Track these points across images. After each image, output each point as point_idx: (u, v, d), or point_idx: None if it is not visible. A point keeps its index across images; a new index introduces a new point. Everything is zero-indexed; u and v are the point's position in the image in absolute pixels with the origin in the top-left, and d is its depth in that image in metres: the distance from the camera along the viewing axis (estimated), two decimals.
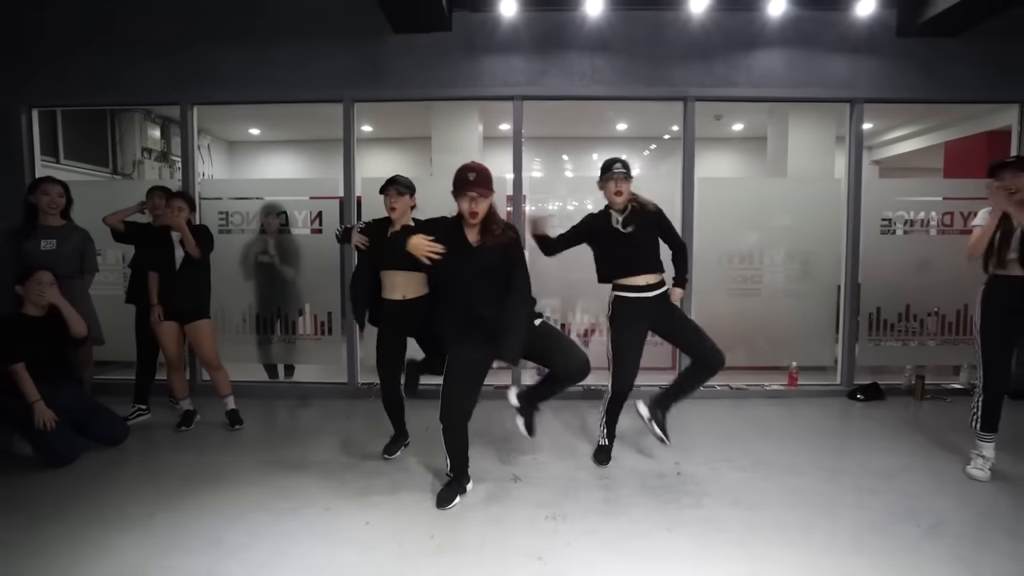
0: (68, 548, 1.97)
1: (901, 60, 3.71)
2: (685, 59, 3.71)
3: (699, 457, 2.76)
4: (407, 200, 2.61)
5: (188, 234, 3.06)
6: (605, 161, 2.59)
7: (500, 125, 6.19)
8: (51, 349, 2.79)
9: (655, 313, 2.55)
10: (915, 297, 3.88)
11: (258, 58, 3.79)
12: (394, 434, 2.84)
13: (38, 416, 2.65)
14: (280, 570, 1.84)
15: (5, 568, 1.87)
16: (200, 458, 2.79)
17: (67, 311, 2.84)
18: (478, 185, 2.06)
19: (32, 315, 2.77)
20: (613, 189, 2.52)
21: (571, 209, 4.04)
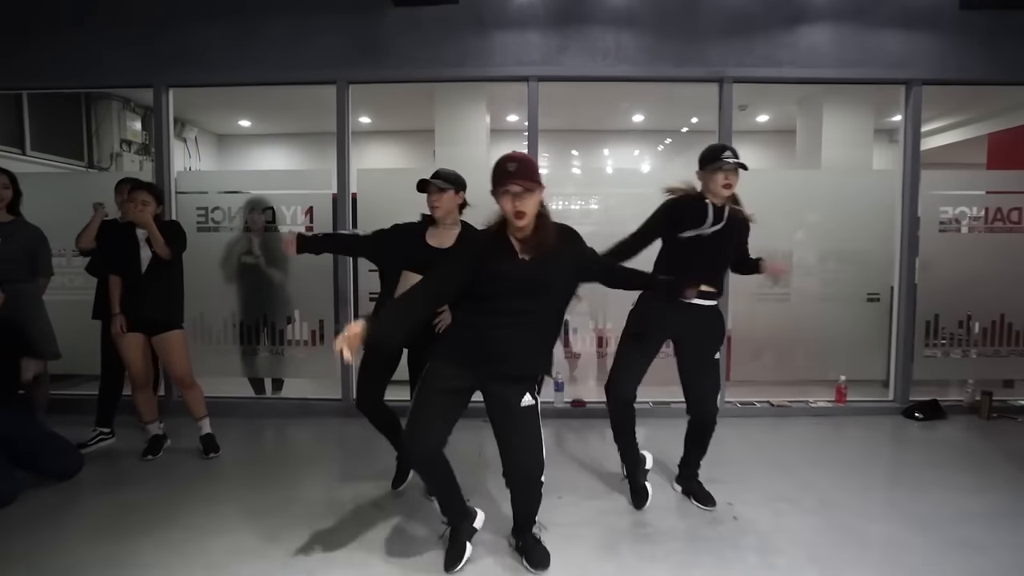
0: None
1: (964, 36, 3.30)
2: (722, 35, 3.30)
3: (753, 495, 2.34)
4: (452, 197, 2.17)
5: (156, 231, 2.64)
6: (710, 147, 2.14)
7: (509, 116, 5.77)
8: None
9: (685, 326, 2.13)
10: (979, 304, 3.47)
11: (243, 35, 3.37)
12: (398, 456, 2.42)
13: None
14: None
15: None
16: (166, 496, 2.37)
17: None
18: (522, 177, 1.58)
19: None
20: (722, 182, 2.07)
21: (594, 208, 3.63)
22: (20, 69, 3.44)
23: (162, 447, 2.84)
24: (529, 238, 1.64)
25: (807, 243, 3.52)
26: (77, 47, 3.41)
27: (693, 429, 2.25)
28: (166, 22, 3.38)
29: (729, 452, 2.77)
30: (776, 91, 4.97)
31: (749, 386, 3.55)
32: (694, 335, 2.15)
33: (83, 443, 2.82)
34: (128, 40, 3.40)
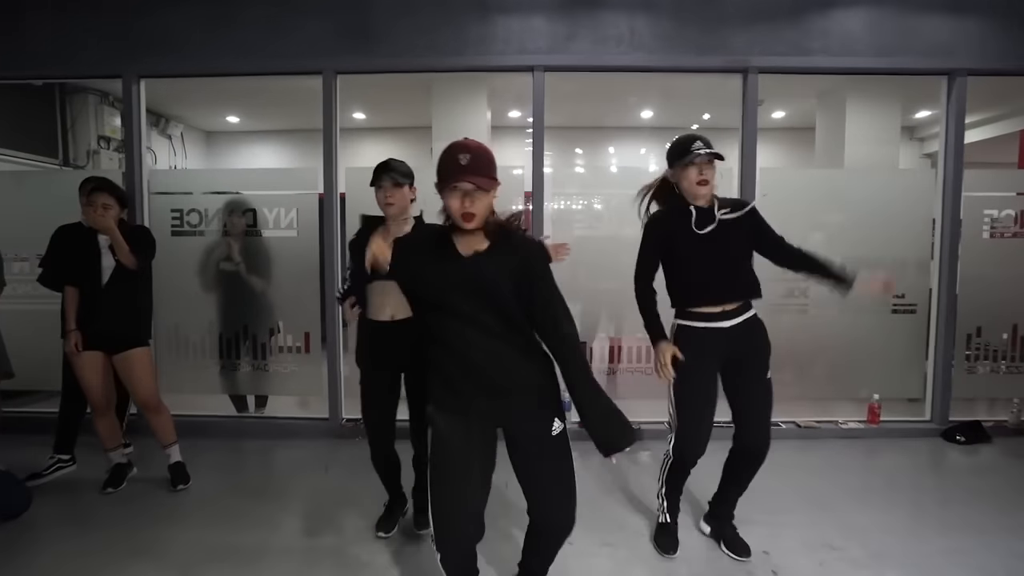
0: None
1: (1011, 21, 3.00)
2: (747, 21, 3.00)
3: (792, 541, 2.05)
4: (406, 193, 1.98)
5: (119, 238, 2.34)
6: (677, 140, 1.86)
7: (510, 112, 5.47)
8: None
9: (729, 348, 1.85)
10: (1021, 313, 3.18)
11: (220, 21, 3.08)
12: (388, 501, 2.18)
13: None
14: None
15: None
16: (124, 539, 2.08)
17: None
18: (474, 172, 1.30)
19: None
20: (696, 177, 1.79)
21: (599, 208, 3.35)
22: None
23: (125, 477, 2.55)
24: (484, 240, 1.37)
25: (830, 247, 3.21)
26: (41, 34, 3.12)
27: (739, 459, 1.96)
28: (138, 7, 3.10)
29: (756, 482, 2.46)
30: (796, 85, 4.67)
31: (773, 404, 3.25)
32: (738, 356, 1.87)
33: (37, 473, 2.54)
34: (96, 27, 3.11)
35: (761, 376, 1.89)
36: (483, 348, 1.34)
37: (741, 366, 1.88)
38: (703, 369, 1.86)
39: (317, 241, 3.20)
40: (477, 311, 1.33)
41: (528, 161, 3.17)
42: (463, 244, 1.37)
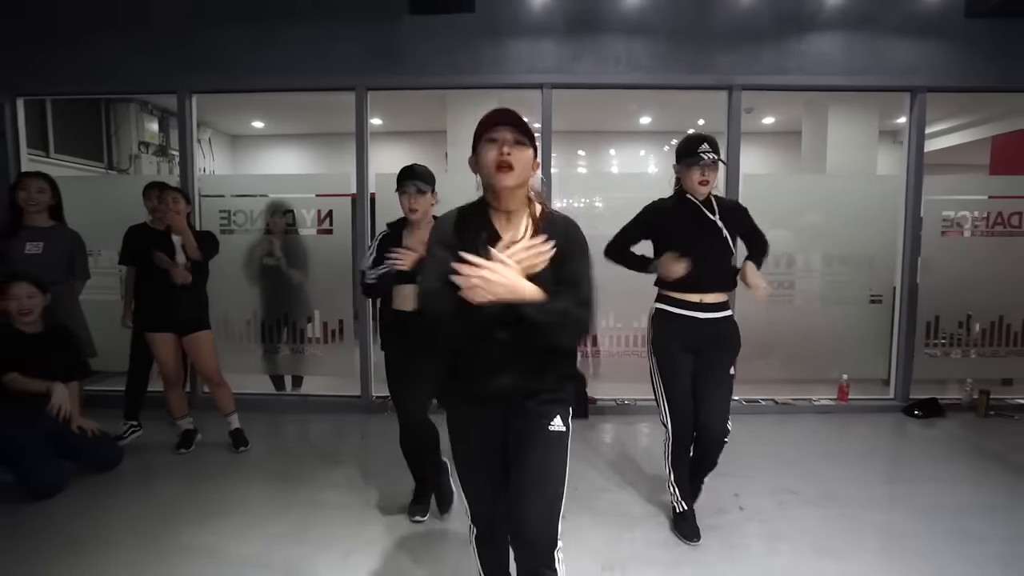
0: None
1: (969, 44, 3.38)
2: (732, 44, 3.39)
3: (759, 486, 2.47)
4: (428, 199, 2.11)
5: (189, 235, 2.76)
6: (687, 139, 2.00)
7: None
8: (41, 369, 2.49)
9: (700, 339, 2.01)
10: (978, 305, 3.57)
11: (263, 43, 3.47)
12: (415, 488, 2.27)
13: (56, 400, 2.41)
14: None
15: None
16: (201, 486, 2.50)
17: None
18: (514, 124, 1.19)
19: (22, 330, 2.48)
20: (698, 178, 1.96)
21: (599, 207, 3.75)
22: (47, 75, 3.54)
23: (194, 441, 2.97)
24: (511, 215, 1.26)
25: (812, 245, 3.61)
26: (102, 54, 3.50)
27: (697, 447, 2.07)
28: (190, 30, 3.48)
29: (735, 447, 2.82)
30: (782, 94, 5.05)
31: (754, 384, 3.66)
32: (707, 348, 2.03)
33: (118, 436, 2.96)
34: (152, 47, 3.50)
35: (724, 373, 2.03)
36: (513, 346, 1.22)
37: (709, 360, 2.02)
38: (678, 350, 2.03)
39: (350, 238, 3.61)
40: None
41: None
42: (503, 225, 1.25)
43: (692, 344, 2.03)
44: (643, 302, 2.21)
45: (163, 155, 5.54)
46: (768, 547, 2.00)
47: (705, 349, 2.03)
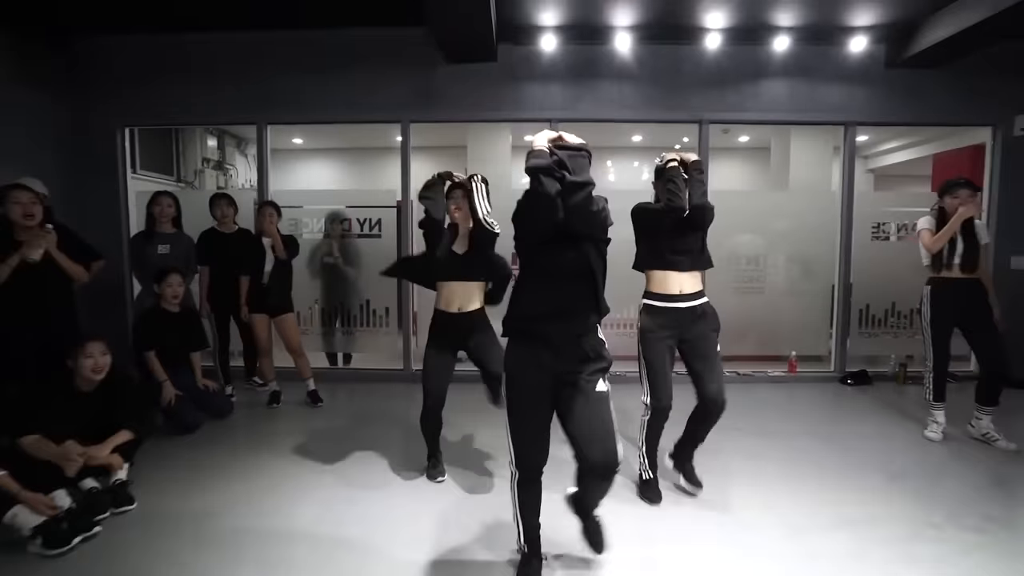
0: (218, 489, 2.54)
1: (889, 88, 4.26)
2: (701, 87, 4.26)
3: (716, 432, 3.31)
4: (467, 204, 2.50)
5: (279, 240, 3.61)
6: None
7: (526, 136, 6.73)
8: (180, 341, 3.35)
9: (683, 325, 2.34)
10: (901, 295, 4.43)
11: (326, 83, 4.31)
12: (430, 455, 2.71)
13: (165, 393, 3.21)
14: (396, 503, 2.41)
15: (173, 500, 2.43)
16: (292, 431, 3.32)
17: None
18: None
19: (169, 310, 3.34)
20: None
21: None
22: (149, 109, 4.38)
23: (280, 399, 3.82)
24: None
25: (777, 248, 4.46)
26: (193, 92, 4.33)
27: (700, 414, 2.38)
28: (266, 72, 4.31)
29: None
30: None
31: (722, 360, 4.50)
32: (691, 332, 2.33)
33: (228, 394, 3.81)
34: (235, 86, 4.34)
35: (712, 351, 2.35)
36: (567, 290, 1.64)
37: (696, 343, 2.33)
38: (663, 338, 2.34)
39: (395, 241, 4.47)
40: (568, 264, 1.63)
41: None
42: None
43: (677, 330, 2.33)
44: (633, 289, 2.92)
45: (220, 169, 6.38)
46: (711, 457, 2.86)
47: (690, 334, 2.33)
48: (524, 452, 1.73)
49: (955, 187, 2.99)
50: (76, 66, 4.30)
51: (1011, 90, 4.21)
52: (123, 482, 2.33)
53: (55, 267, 2.66)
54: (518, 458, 1.74)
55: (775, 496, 2.46)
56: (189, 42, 4.28)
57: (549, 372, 1.69)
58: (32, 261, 2.54)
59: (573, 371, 1.69)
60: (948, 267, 2.99)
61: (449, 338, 2.54)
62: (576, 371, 1.69)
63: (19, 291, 2.58)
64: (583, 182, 1.56)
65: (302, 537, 2.14)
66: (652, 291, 2.41)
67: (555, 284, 1.67)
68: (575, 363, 1.69)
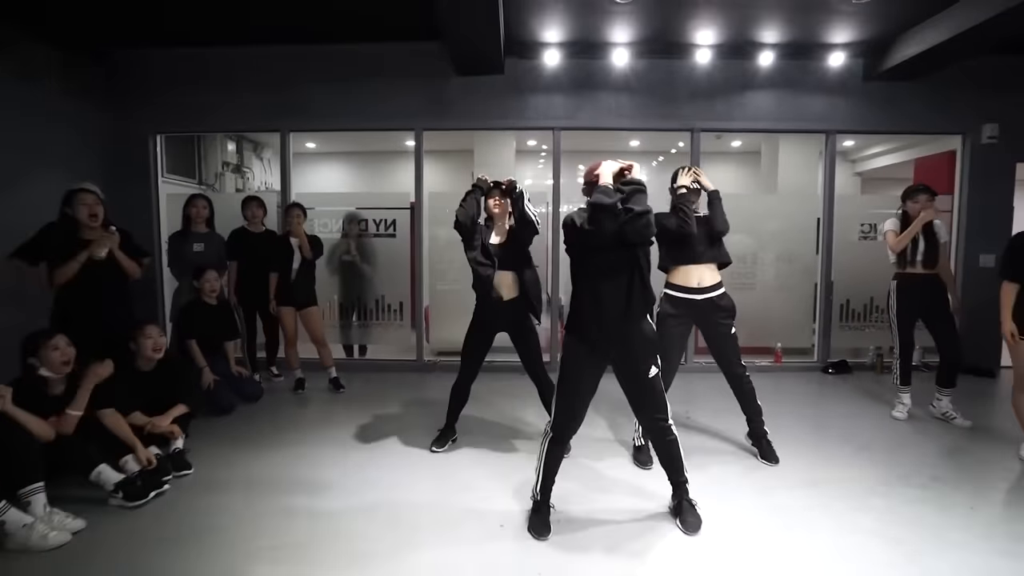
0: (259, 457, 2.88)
1: (867, 99, 4.60)
2: (692, 98, 4.60)
3: (706, 409, 3.65)
4: (506, 204, 2.85)
5: (305, 241, 3.94)
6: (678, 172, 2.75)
7: (529, 142, 7.08)
8: (217, 331, 3.69)
9: (701, 314, 2.71)
10: (879, 292, 4.76)
11: (345, 93, 4.65)
12: (443, 427, 3.02)
13: (205, 378, 3.54)
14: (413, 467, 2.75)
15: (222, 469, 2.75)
16: (316, 416, 3.64)
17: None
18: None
19: (208, 303, 3.67)
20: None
21: None
22: (180, 116, 4.71)
23: (304, 386, 4.15)
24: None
25: (766, 248, 4.79)
26: (219, 100, 4.66)
27: (736, 394, 2.86)
28: (288, 82, 4.65)
29: (695, 390, 4.08)
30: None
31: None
32: (708, 320, 2.72)
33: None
34: (260, 95, 4.67)
35: (727, 333, 2.76)
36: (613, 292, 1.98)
37: (715, 330, 2.73)
38: (679, 324, 2.73)
39: (408, 240, 4.80)
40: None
41: (542, 178, 4.77)
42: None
43: (692, 318, 2.73)
44: None
45: (238, 172, 6.71)
46: (700, 441, 3.20)
47: (706, 321, 2.73)
48: (564, 421, 2.11)
49: (915, 192, 3.33)
50: (115, 76, 4.63)
51: (980, 101, 4.55)
52: (181, 450, 2.67)
53: (115, 264, 2.97)
54: (557, 425, 2.12)
55: (753, 465, 2.79)
56: (217, 55, 4.61)
57: (602, 361, 2.07)
58: (98, 259, 2.85)
59: (627, 358, 2.06)
60: (912, 264, 3.33)
61: (487, 322, 2.85)
62: (630, 358, 2.06)
63: (82, 285, 2.89)
64: (643, 211, 1.93)
65: (334, 494, 2.47)
66: (673, 283, 2.75)
67: (608, 282, 1.99)
68: (628, 352, 2.04)
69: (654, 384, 2.09)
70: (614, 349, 2.05)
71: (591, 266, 2.03)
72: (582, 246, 2.01)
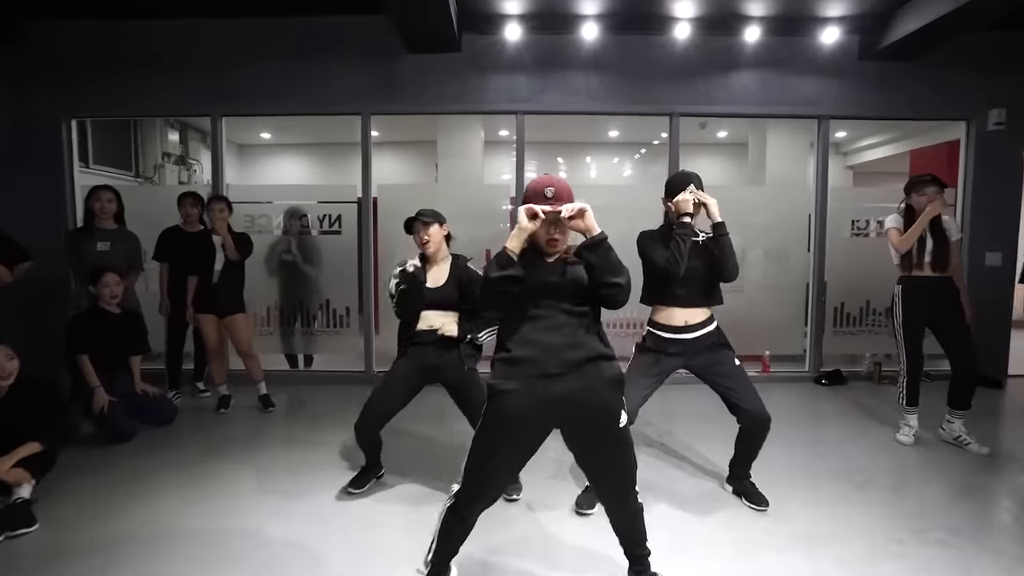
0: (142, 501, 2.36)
1: (862, 81, 4.15)
2: (671, 78, 4.13)
3: (681, 431, 3.19)
4: (439, 229, 2.37)
5: (230, 239, 3.43)
6: (676, 178, 2.28)
7: (500, 131, 6.57)
8: (120, 343, 3.16)
9: (690, 356, 2.25)
10: (878, 293, 4.32)
11: (284, 74, 4.13)
12: (364, 465, 2.50)
13: (97, 400, 3.02)
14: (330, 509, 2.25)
15: (83, 520, 2.25)
16: (239, 438, 3.15)
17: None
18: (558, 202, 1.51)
19: (108, 311, 3.14)
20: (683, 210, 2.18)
21: None
22: (96, 100, 4.17)
23: (229, 404, 3.64)
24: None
25: (754, 245, 4.32)
26: (144, 82, 4.13)
27: (745, 434, 2.30)
28: (221, 62, 4.12)
29: (671, 409, 3.62)
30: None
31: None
32: (704, 359, 2.23)
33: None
34: (188, 77, 4.14)
35: (732, 368, 2.24)
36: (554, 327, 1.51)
37: (712, 369, 2.23)
38: (658, 360, 2.23)
39: (355, 238, 4.29)
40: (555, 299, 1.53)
41: (514, 174, 4.29)
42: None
43: (682, 358, 2.24)
44: None
45: (183, 164, 6.16)
46: (677, 465, 2.73)
47: (699, 359, 2.24)
48: (470, 497, 1.60)
49: (922, 184, 2.87)
50: (23, 51, 4.06)
51: (985, 83, 4.12)
52: (25, 501, 2.14)
53: None
54: (461, 498, 1.61)
55: (732, 509, 2.33)
56: (141, 29, 4.07)
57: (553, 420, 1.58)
58: None
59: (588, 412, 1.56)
60: (919, 266, 2.88)
61: (419, 361, 2.37)
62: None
63: None
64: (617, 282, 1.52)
65: (220, 568, 1.97)
66: (657, 321, 2.30)
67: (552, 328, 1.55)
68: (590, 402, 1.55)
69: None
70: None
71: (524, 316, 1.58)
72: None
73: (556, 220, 1.50)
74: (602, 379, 1.53)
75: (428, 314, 2.37)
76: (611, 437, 1.56)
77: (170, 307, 3.69)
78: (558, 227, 1.53)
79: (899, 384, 3.00)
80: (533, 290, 1.53)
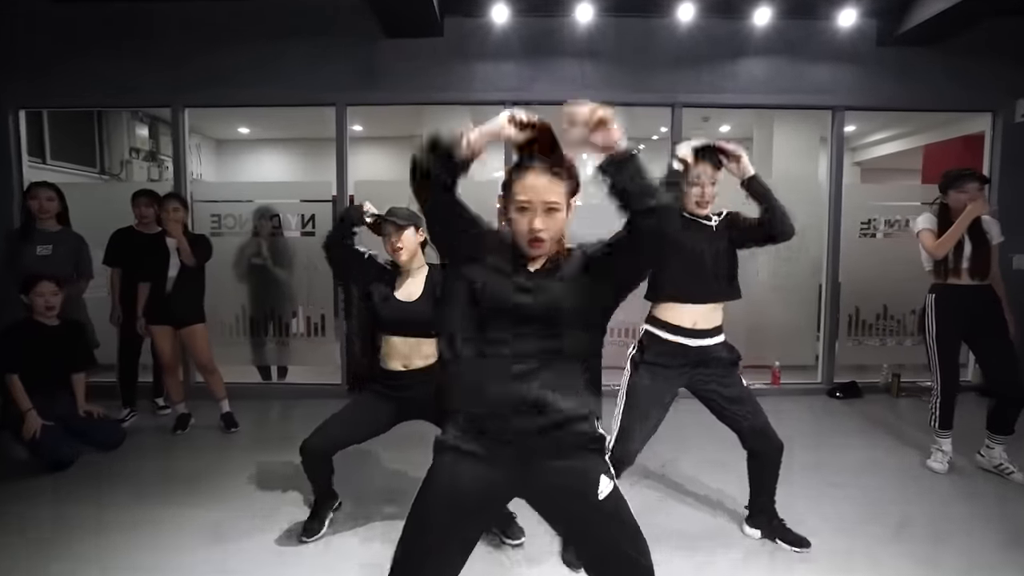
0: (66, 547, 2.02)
1: (881, 68, 3.83)
2: (673, 66, 3.79)
3: (692, 455, 2.86)
4: (414, 235, 2.03)
5: (185, 243, 3.08)
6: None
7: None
8: (58, 360, 2.82)
9: (693, 367, 1.93)
10: (893, 297, 4.01)
11: (252, 61, 3.78)
12: (314, 502, 2.17)
13: (28, 424, 2.67)
14: None
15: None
16: (196, 463, 2.83)
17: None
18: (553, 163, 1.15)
19: (44, 323, 2.80)
20: (695, 198, 1.94)
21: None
22: (47, 89, 3.82)
23: (188, 424, 3.30)
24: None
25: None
26: (100, 69, 3.78)
27: (755, 463, 2.02)
28: (183, 48, 3.77)
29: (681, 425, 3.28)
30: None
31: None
32: (703, 374, 1.93)
33: (119, 420, 3.27)
34: (148, 64, 3.79)
35: (739, 391, 1.94)
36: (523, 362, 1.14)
37: (718, 388, 1.92)
38: (660, 375, 1.91)
39: None
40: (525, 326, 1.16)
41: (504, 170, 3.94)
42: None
43: (684, 369, 1.92)
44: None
45: (153, 160, 5.80)
46: (680, 500, 2.40)
47: (702, 375, 1.93)
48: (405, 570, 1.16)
49: (961, 180, 2.53)
50: None
51: (1011, 72, 3.80)
52: None
53: None
54: (396, 568, 1.17)
55: (746, 552, 2.00)
56: (96, 11, 3.72)
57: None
58: None
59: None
60: (955, 273, 2.54)
61: (385, 399, 2.08)
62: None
63: None
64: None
65: None
66: (658, 317, 1.96)
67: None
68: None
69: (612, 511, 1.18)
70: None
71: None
72: None
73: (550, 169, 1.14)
74: (572, 443, 1.16)
75: (396, 343, 2.04)
76: (586, 512, 1.16)
77: (122, 316, 3.36)
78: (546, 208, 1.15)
79: (931, 405, 2.67)
80: (493, 314, 1.16)
